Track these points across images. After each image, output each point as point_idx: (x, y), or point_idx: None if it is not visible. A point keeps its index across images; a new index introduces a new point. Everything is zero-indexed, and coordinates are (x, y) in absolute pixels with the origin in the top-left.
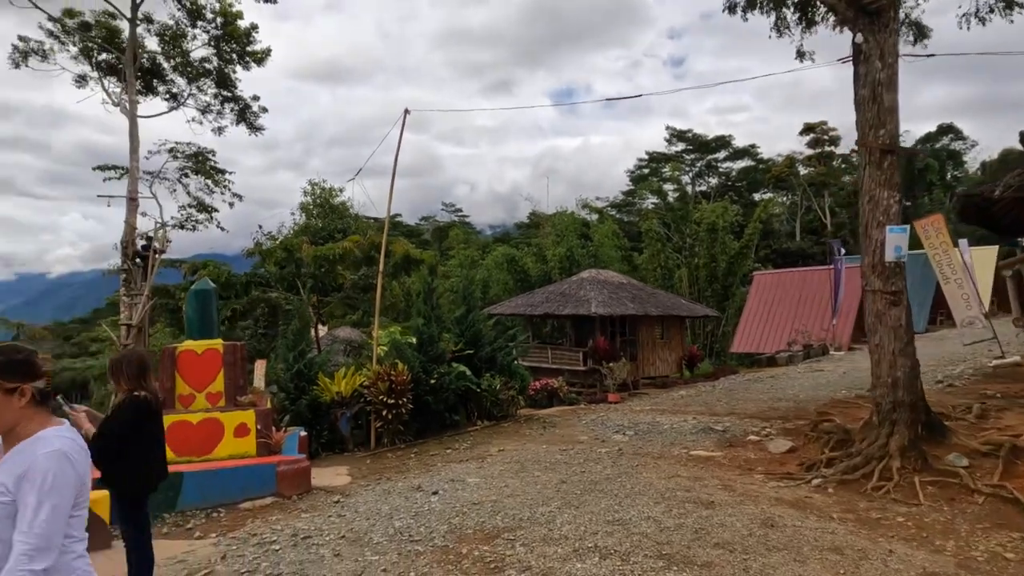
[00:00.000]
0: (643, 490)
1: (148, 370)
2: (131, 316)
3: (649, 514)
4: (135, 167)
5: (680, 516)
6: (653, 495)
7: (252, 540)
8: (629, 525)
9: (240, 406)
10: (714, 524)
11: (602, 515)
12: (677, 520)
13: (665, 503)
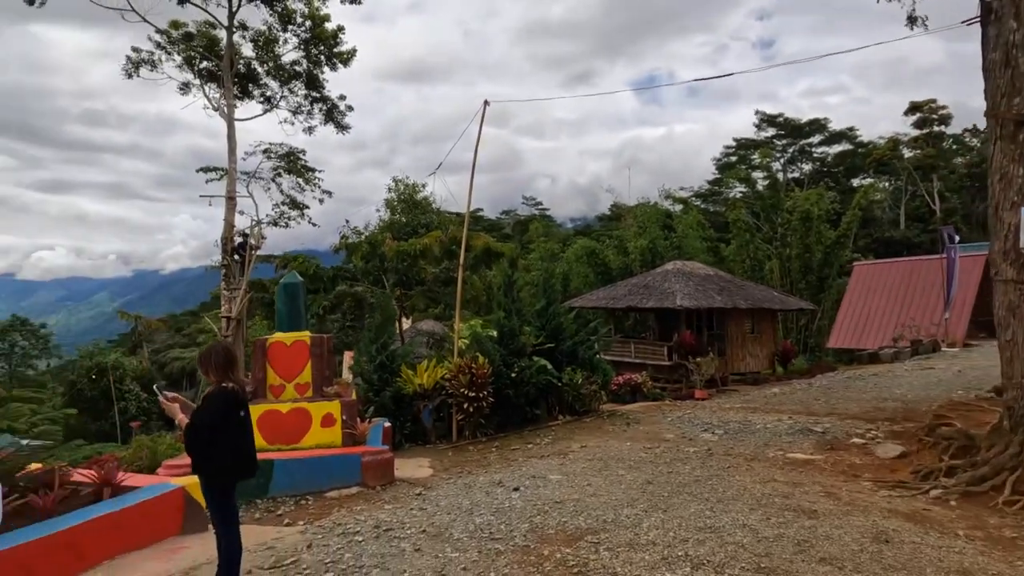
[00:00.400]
0: (736, 495)
1: (234, 362)
2: (231, 309)
3: (744, 521)
4: (233, 168)
5: (779, 525)
6: (748, 501)
7: (337, 530)
8: (722, 533)
9: (326, 397)
10: (819, 536)
11: (692, 520)
12: (776, 530)
13: (762, 510)
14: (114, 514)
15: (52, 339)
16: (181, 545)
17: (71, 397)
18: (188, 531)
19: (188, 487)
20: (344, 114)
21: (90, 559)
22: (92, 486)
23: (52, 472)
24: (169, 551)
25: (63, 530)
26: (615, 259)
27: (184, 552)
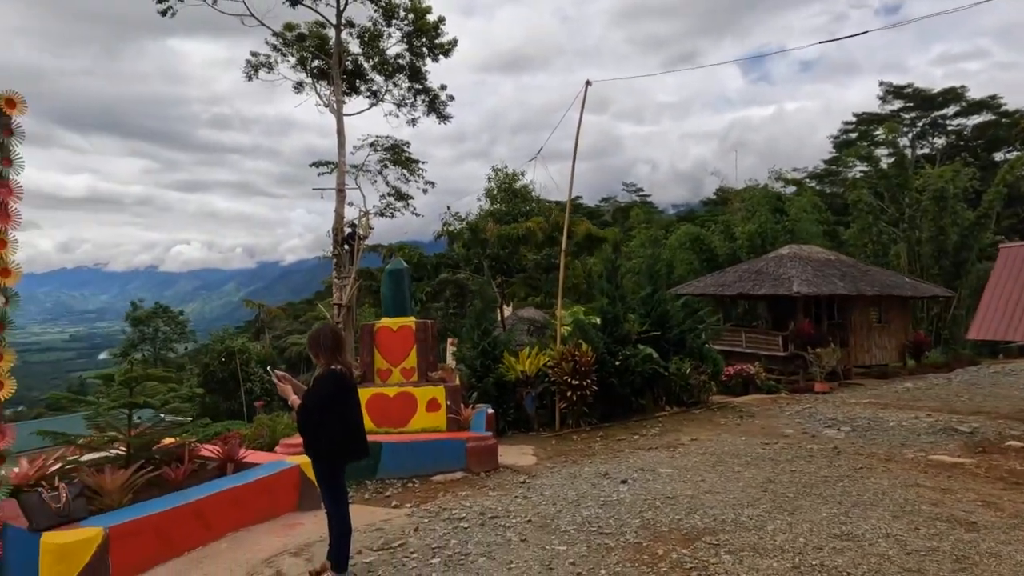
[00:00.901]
0: (874, 499)
1: (342, 344)
2: (341, 296)
3: (887, 530)
4: (342, 161)
5: (931, 537)
6: (889, 507)
7: (443, 514)
8: (862, 542)
9: (431, 382)
10: (982, 553)
11: (825, 526)
12: (927, 542)
13: (907, 518)
14: (236, 488)
15: (189, 325)
16: (296, 521)
17: (205, 378)
18: (303, 508)
19: (303, 465)
20: (446, 104)
21: (216, 530)
22: (217, 461)
23: (183, 447)
24: (285, 527)
25: (193, 501)
26: (721, 245)
27: (299, 528)
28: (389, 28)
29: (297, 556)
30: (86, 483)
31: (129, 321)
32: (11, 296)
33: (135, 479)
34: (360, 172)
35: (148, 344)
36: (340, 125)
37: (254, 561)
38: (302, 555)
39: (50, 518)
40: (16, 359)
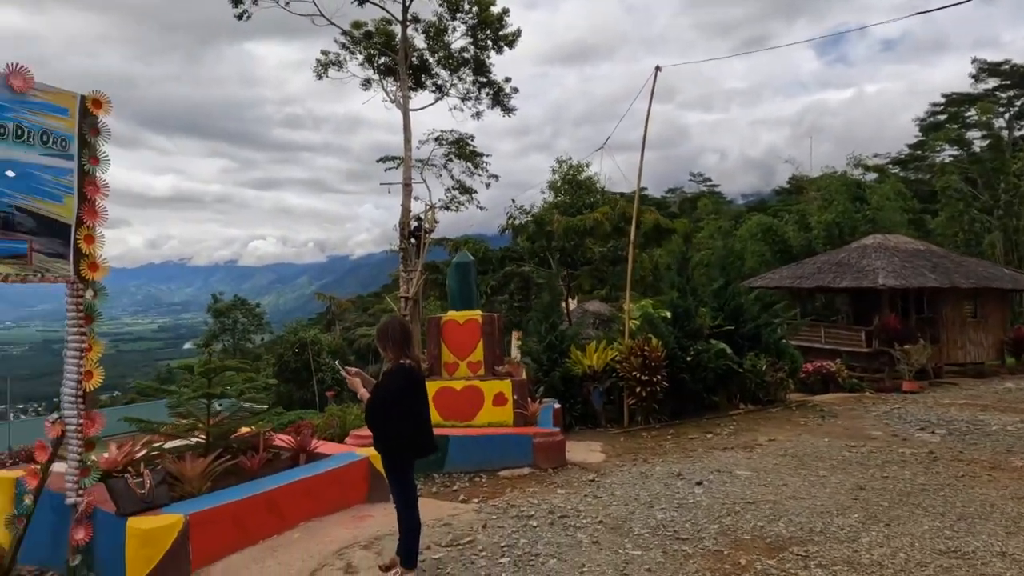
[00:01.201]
0: (983, 512)
1: (410, 338)
2: (408, 290)
3: (1003, 548)
4: (408, 156)
5: None
6: (1002, 521)
7: (511, 511)
8: (974, 560)
9: (498, 375)
10: None
11: (927, 540)
12: None
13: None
14: (309, 479)
15: (265, 317)
16: (366, 513)
17: (279, 368)
18: (372, 500)
19: (372, 458)
20: (510, 96)
21: (290, 520)
22: (290, 451)
23: (258, 436)
24: (356, 518)
25: (268, 491)
26: (795, 236)
27: (369, 521)
28: (454, 22)
29: (367, 549)
30: (168, 470)
31: (211, 313)
32: (99, 290)
33: (213, 467)
34: (425, 166)
35: (228, 335)
36: (406, 120)
37: (325, 552)
38: (372, 548)
39: (135, 504)
40: (104, 349)
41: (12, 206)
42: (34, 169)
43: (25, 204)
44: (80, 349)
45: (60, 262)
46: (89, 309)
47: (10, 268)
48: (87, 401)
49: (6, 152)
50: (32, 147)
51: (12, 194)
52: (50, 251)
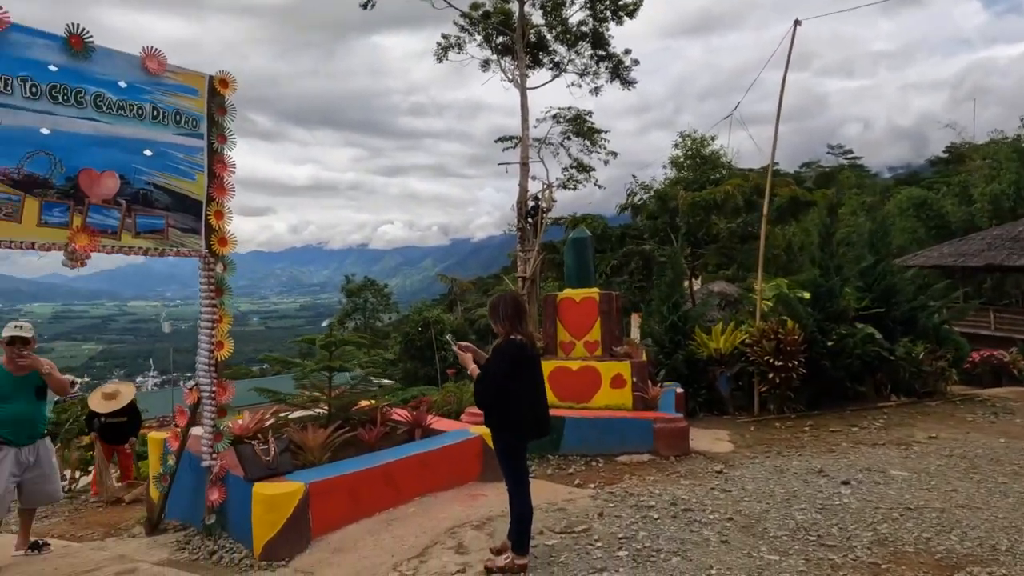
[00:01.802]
0: None
1: (523, 313)
2: (525, 269)
3: None
4: (525, 135)
5: None
6: None
7: (629, 500)
8: None
9: (616, 356)
10: None
11: None
12: None
13: None
14: (424, 454)
15: (392, 297)
16: (479, 492)
17: (405, 345)
18: (485, 479)
19: (485, 436)
20: (630, 69)
21: (405, 494)
22: (407, 426)
23: (376, 410)
24: (469, 496)
25: (385, 464)
26: (954, 210)
27: (482, 500)
28: None
29: (479, 530)
30: (292, 439)
31: (344, 293)
32: (228, 263)
33: (334, 438)
34: (543, 145)
35: (359, 313)
36: (523, 99)
37: (438, 530)
38: (483, 529)
39: (260, 470)
40: (232, 321)
41: (150, 183)
42: (168, 148)
43: (161, 182)
44: (212, 321)
45: (193, 237)
46: (219, 282)
47: (150, 242)
48: (219, 370)
49: (143, 132)
50: (166, 127)
51: (149, 172)
52: (184, 226)
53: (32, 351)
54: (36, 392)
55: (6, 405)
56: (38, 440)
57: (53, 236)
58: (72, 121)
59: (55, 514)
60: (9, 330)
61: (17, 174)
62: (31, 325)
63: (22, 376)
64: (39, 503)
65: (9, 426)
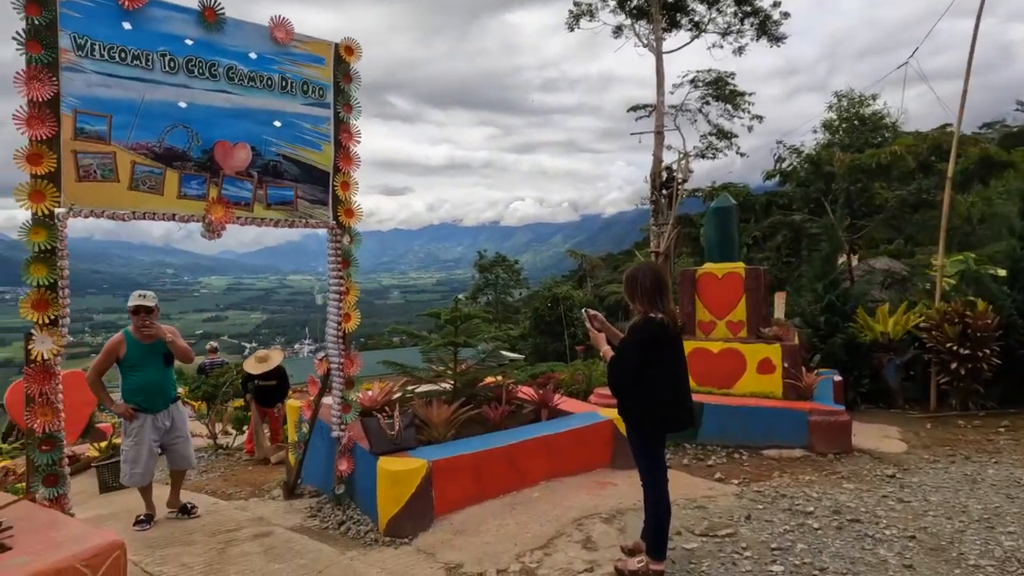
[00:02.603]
0: None
1: (663, 287)
2: (659, 244)
3: None
4: (661, 102)
5: None
6: None
7: (781, 502)
8: None
9: (764, 339)
10: None
11: None
12: None
13: None
14: (551, 437)
15: (523, 273)
16: (608, 480)
17: (535, 321)
18: (616, 466)
19: (616, 420)
20: (778, 23)
21: (529, 477)
22: (533, 406)
23: (502, 388)
24: (597, 483)
25: (509, 444)
26: None
27: (611, 489)
28: None
29: (608, 523)
30: (417, 414)
31: (477, 269)
32: (354, 235)
33: (458, 415)
34: (679, 112)
35: (491, 289)
36: (659, 63)
37: (564, 520)
38: (614, 523)
39: (385, 444)
40: (360, 294)
41: (279, 155)
42: (296, 118)
43: (290, 153)
44: (339, 293)
45: (321, 208)
46: (346, 254)
47: (280, 214)
48: (346, 342)
49: (273, 103)
50: (294, 97)
51: (279, 143)
52: (312, 198)
53: (156, 319)
54: (164, 359)
55: (136, 373)
56: (171, 405)
57: (191, 208)
58: (207, 94)
59: (212, 469)
60: (134, 299)
61: (158, 147)
62: (154, 294)
63: (150, 344)
64: (183, 465)
65: (142, 393)
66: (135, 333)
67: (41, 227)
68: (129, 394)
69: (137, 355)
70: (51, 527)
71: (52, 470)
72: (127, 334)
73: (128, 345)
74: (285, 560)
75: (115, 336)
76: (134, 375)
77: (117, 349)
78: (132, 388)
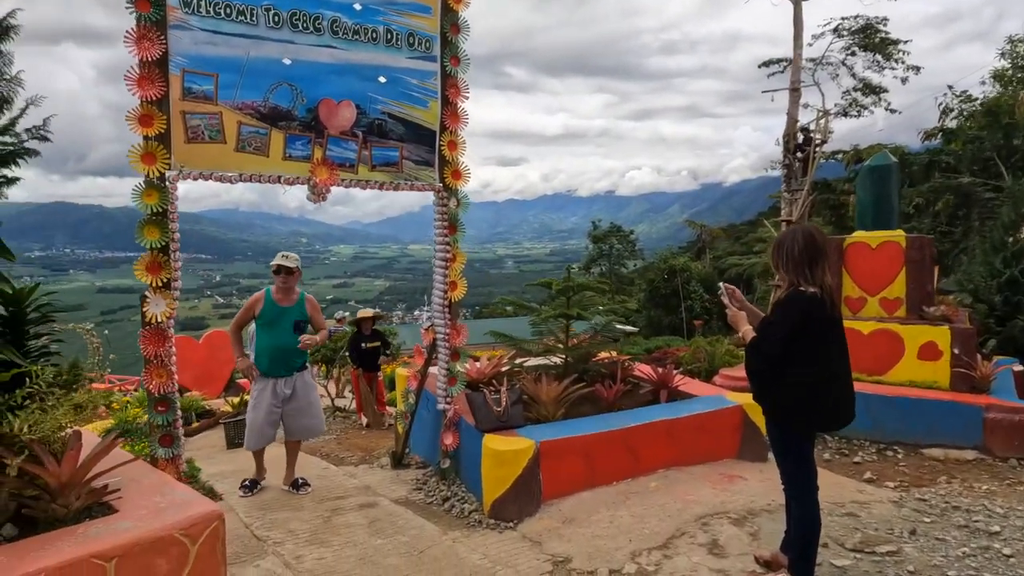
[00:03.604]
0: None
1: (820, 255)
2: (791, 212)
3: None
4: (798, 55)
5: None
6: None
7: (954, 516)
8: None
9: (928, 320)
10: None
11: None
12: None
13: None
14: (671, 421)
15: (638, 244)
16: (736, 473)
17: (650, 293)
18: (744, 457)
19: (747, 406)
20: None
21: (645, 464)
22: (651, 385)
23: (617, 364)
24: (723, 477)
25: (625, 427)
26: None
27: (740, 484)
28: None
29: (738, 526)
30: (525, 390)
31: (590, 239)
32: (462, 199)
33: (569, 393)
34: (818, 67)
35: (605, 260)
36: (797, 11)
37: (685, 516)
38: (744, 526)
39: (491, 421)
40: (475, 263)
41: (384, 113)
42: (401, 73)
43: (395, 110)
44: (445, 260)
45: (427, 169)
46: (452, 219)
47: (385, 176)
48: (453, 311)
49: (377, 57)
50: (400, 50)
51: (384, 100)
52: (417, 158)
53: (296, 282)
54: (294, 326)
55: (266, 334)
56: (295, 373)
57: (296, 169)
58: (311, 49)
59: (328, 431)
60: (277, 259)
61: (263, 107)
62: (296, 256)
63: (283, 308)
64: (299, 436)
65: (267, 356)
66: (275, 293)
67: (153, 189)
68: (257, 357)
69: (269, 314)
70: (157, 491)
71: (167, 431)
72: (267, 292)
73: (265, 303)
74: (387, 536)
75: (257, 293)
76: (263, 336)
77: (255, 305)
78: (260, 349)
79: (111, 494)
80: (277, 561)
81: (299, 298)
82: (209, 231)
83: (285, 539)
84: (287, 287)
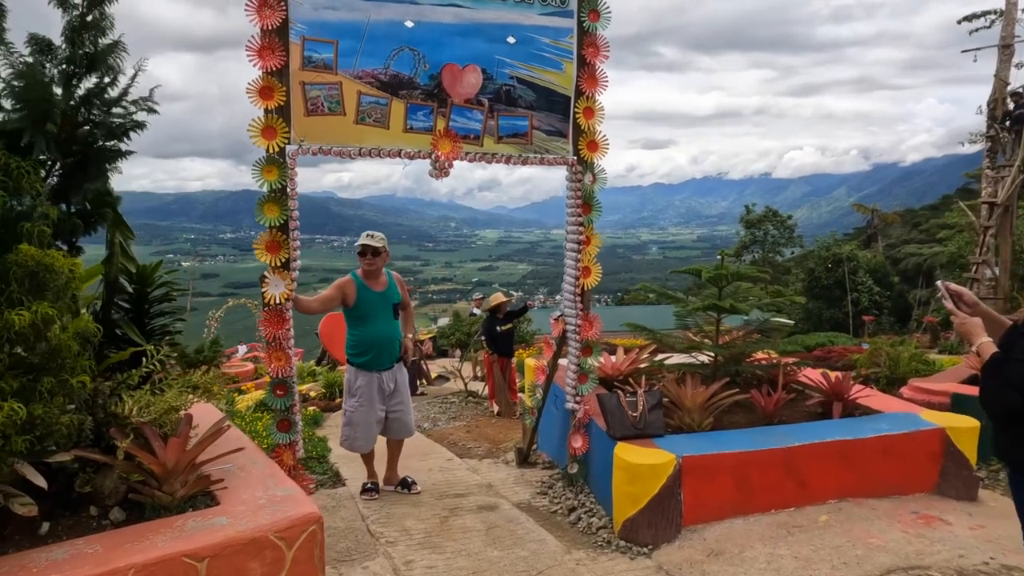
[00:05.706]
0: None
1: None
2: (995, 192)
3: None
4: (1012, 6)
5: None
6: None
7: None
8: None
9: None
10: None
11: None
12: None
13: None
14: (847, 442)
15: (796, 230)
16: (933, 513)
17: (809, 283)
18: (943, 493)
19: (951, 430)
20: None
21: (812, 492)
22: (820, 395)
23: (777, 368)
24: (916, 517)
25: (788, 445)
26: None
27: (941, 529)
28: None
29: None
30: (665, 393)
31: (743, 224)
32: (598, 173)
33: (719, 399)
34: None
35: (758, 246)
36: None
37: (869, 567)
38: None
39: (624, 428)
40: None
41: (513, 77)
42: (532, 32)
43: (525, 74)
44: (577, 242)
45: (559, 140)
46: (587, 196)
47: (513, 148)
48: (585, 301)
49: (506, 15)
50: (531, 6)
51: (513, 63)
52: (549, 128)
53: (384, 264)
54: (394, 310)
55: (366, 326)
56: (395, 364)
57: (418, 142)
58: (434, 9)
59: (460, 417)
60: (362, 239)
61: (384, 75)
62: (383, 236)
63: (380, 293)
64: (402, 435)
65: (371, 350)
66: (365, 279)
67: (273, 165)
68: (355, 350)
69: (368, 304)
70: (262, 484)
71: (285, 415)
72: (356, 278)
73: (359, 291)
74: (505, 547)
75: (344, 278)
76: (362, 327)
77: (345, 295)
78: (360, 342)
79: (217, 483)
80: (386, 565)
81: (389, 279)
82: (370, 216)
83: (399, 538)
84: (374, 268)
